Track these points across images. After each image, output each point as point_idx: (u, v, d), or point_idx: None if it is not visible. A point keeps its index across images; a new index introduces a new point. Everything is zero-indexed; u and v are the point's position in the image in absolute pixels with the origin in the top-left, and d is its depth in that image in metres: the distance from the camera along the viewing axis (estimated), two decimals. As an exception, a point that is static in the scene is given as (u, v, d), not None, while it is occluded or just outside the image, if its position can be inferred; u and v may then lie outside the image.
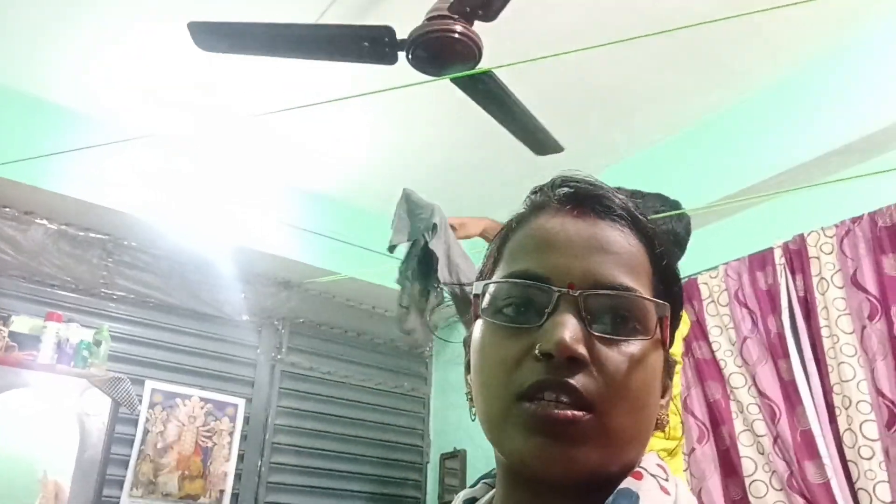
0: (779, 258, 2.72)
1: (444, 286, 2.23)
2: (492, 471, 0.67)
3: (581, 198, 0.62)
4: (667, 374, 0.62)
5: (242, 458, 3.70)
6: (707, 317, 2.89)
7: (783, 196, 2.77)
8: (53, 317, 3.12)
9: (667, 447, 1.42)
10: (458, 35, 2.07)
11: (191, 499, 3.47)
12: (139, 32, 2.81)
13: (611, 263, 0.58)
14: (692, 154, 3.19)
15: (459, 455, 4.05)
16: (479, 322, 0.61)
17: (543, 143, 2.57)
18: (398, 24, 2.14)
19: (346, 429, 4.09)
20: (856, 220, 2.54)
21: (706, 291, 2.93)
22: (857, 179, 2.37)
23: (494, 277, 0.63)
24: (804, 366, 2.57)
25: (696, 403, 2.83)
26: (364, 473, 4.07)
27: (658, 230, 0.63)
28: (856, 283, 2.47)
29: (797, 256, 2.67)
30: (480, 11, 2.09)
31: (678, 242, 1.94)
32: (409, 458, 4.27)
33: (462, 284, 2.20)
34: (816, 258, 2.59)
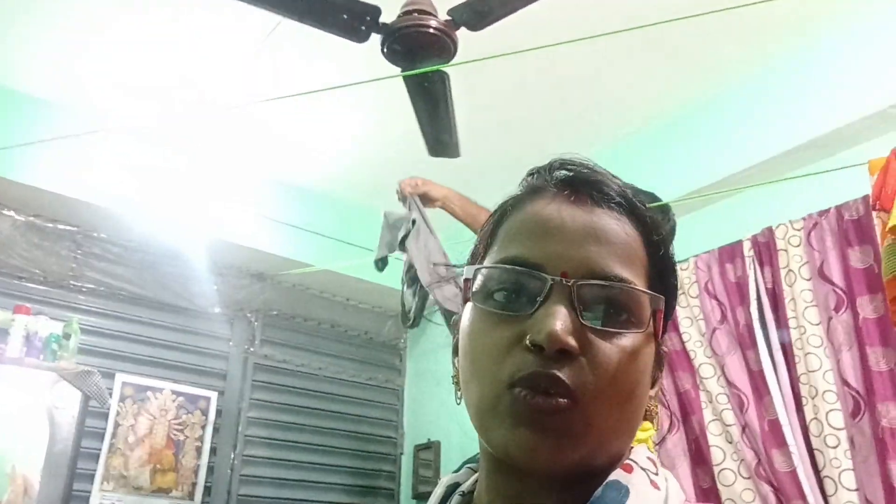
0: (748, 250, 2.76)
1: (427, 288, 2.35)
2: (475, 456, 0.65)
3: (579, 183, 0.61)
4: (657, 367, 0.61)
5: (215, 452, 3.69)
6: (678, 308, 2.92)
7: (752, 189, 2.81)
8: (22, 309, 3.07)
9: (638, 437, 1.44)
10: (435, 31, 2.08)
11: (162, 492, 3.45)
12: (112, 21, 2.77)
13: (606, 253, 0.57)
14: (662, 147, 3.22)
15: (433, 446, 4.07)
16: (469, 306, 0.59)
17: (445, 146, 2.61)
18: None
19: (320, 421, 4.08)
20: (823, 214, 2.59)
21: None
22: (825, 174, 2.41)
23: (487, 261, 0.61)
24: (772, 356, 2.62)
25: (667, 394, 2.86)
26: (338, 465, 4.06)
27: (655, 218, 0.62)
28: (822, 276, 2.52)
29: (766, 249, 2.71)
30: (472, 22, 2.12)
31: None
32: (383, 450, 4.28)
33: (440, 281, 2.28)
34: (784, 251, 2.63)
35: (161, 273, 3.70)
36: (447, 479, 0.67)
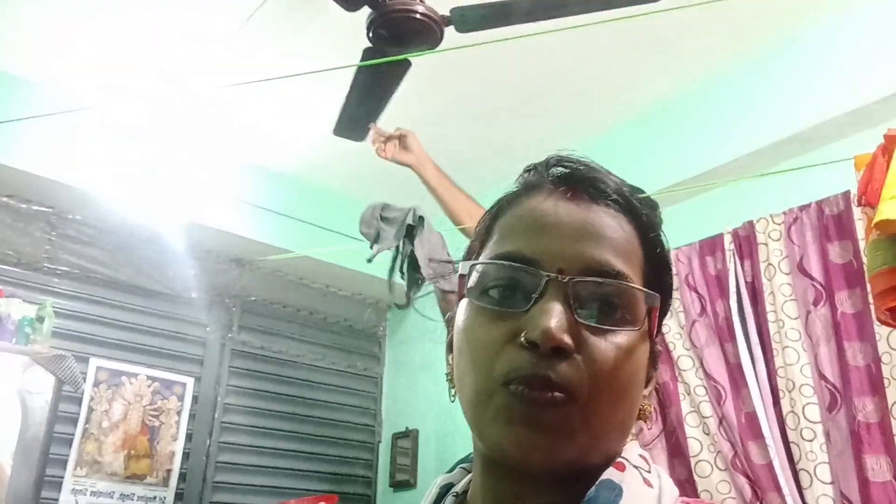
0: (728, 244, 2.77)
1: (430, 282, 2.36)
2: (469, 455, 0.66)
3: (576, 180, 0.61)
4: (652, 366, 0.61)
5: (191, 438, 3.65)
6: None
7: (734, 183, 2.82)
8: (-6, 292, 3.02)
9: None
10: (427, 20, 2.08)
11: (137, 478, 3.41)
12: (90, 1, 2.71)
13: (602, 250, 0.57)
14: (644, 140, 3.22)
15: (411, 434, 4.07)
16: (465, 302, 0.59)
17: (353, 129, 2.61)
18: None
19: (298, 408, 4.06)
20: (803, 209, 2.60)
21: (657, 275, 2.97)
22: (806, 169, 2.42)
23: (483, 257, 0.61)
24: (750, 349, 2.63)
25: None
26: (315, 453, 4.05)
27: (652, 217, 0.62)
28: (802, 270, 2.53)
29: (746, 242, 2.73)
30: (467, 27, 2.11)
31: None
32: (361, 438, 4.27)
33: (442, 276, 2.30)
34: (765, 244, 2.65)
35: (137, 256, 3.64)
36: (441, 480, 0.67)
